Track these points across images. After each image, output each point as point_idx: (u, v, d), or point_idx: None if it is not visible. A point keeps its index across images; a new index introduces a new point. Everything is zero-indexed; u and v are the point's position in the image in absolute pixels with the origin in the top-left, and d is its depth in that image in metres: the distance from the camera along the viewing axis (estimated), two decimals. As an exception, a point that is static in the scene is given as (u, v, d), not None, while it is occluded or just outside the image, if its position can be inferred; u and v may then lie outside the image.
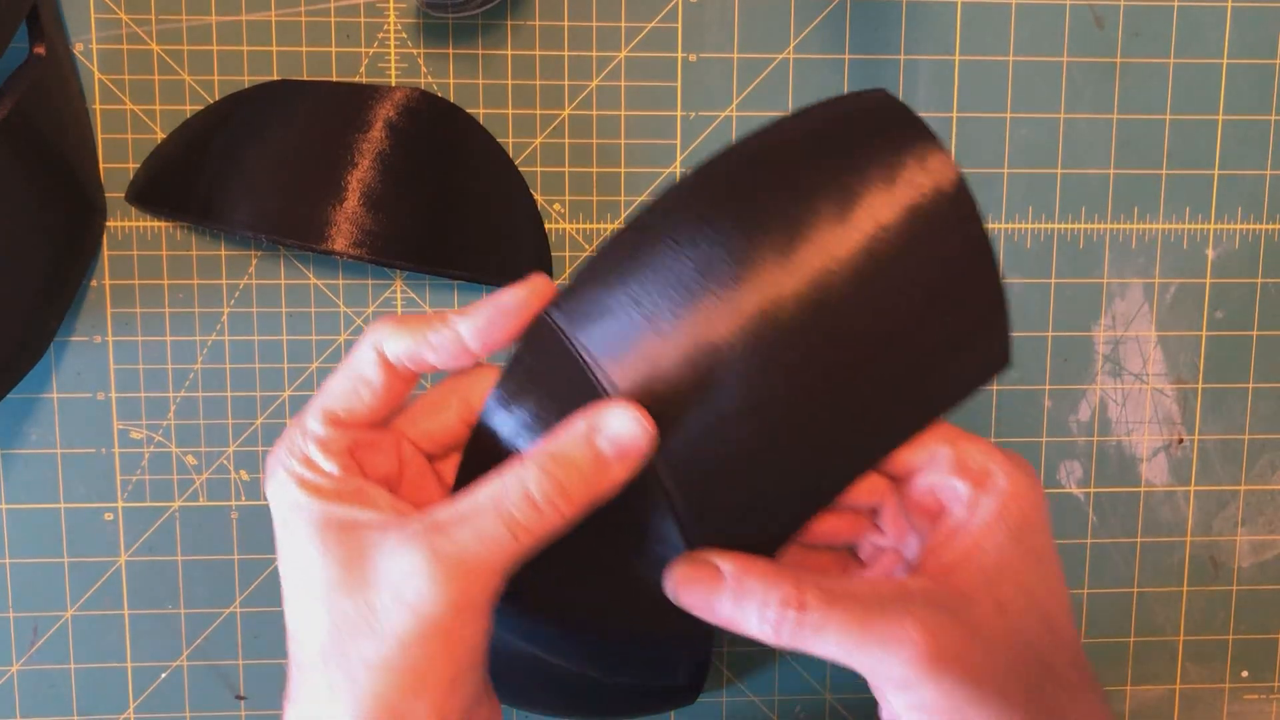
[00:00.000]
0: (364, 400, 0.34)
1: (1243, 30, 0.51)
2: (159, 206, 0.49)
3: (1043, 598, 0.34)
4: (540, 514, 0.32)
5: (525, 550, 0.32)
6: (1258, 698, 0.56)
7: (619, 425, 0.32)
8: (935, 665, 0.31)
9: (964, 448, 0.34)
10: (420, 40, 0.50)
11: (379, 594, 0.31)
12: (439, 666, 0.31)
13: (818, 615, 0.32)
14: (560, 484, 0.32)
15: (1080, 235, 0.52)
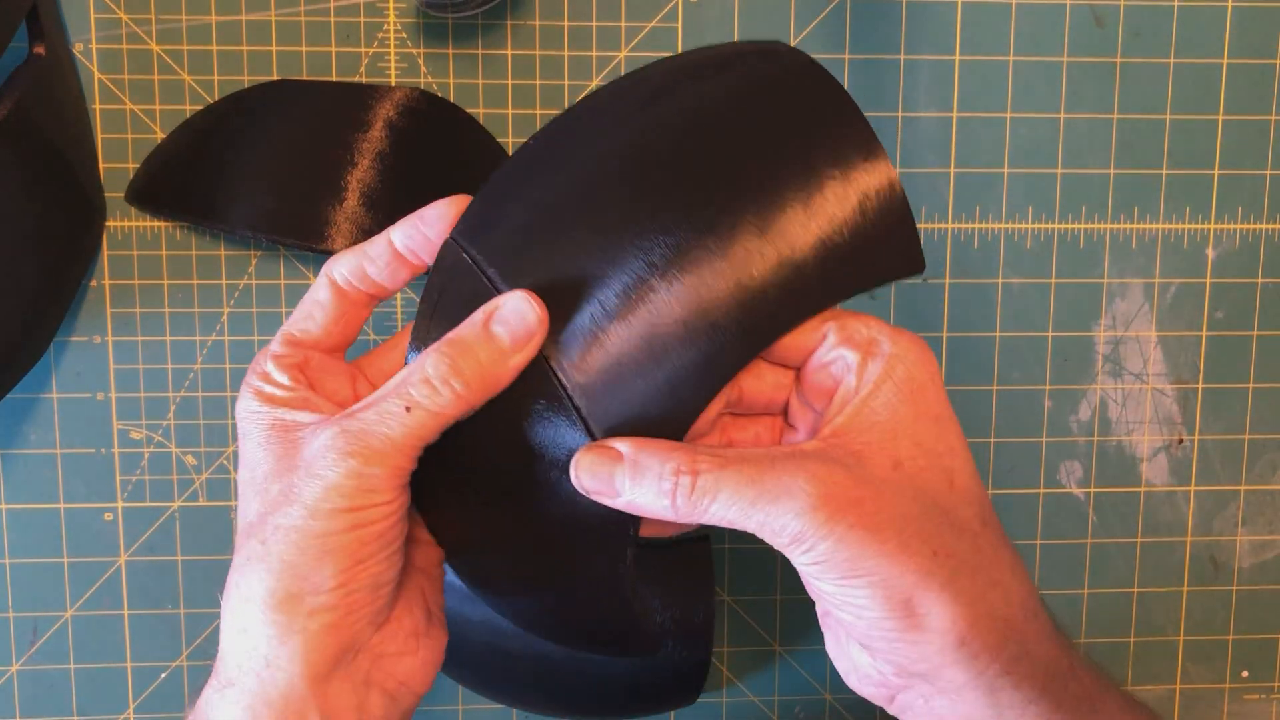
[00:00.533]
0: (316, 320, 0.38)
1: (1243, 30, 0.51)
2: (159, 206, 0.49)
3: (942, 454, 0.35)
4: (435, 391, 0.34)
5: (422, 428, 0.34)
6: (1258, 698, 0.56)
7: (510, 308, 0.34)
8: (827, 513, 0.32)
9: (849, 322, 0.35)
10: (420, 40, 0.50)
11: (298, 472, 0.34)
12: (344, 537, 0.33)
13: (710, 478, 0.33)
14: (453, 363, 0.34)
15: (1080, 235, 0.52)
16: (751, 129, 0.35)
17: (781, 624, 0.54)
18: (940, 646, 0.34)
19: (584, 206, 0.35)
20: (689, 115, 0.36)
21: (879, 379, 0.35)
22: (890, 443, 0.34)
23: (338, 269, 0.37)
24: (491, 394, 0.35)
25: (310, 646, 0.34)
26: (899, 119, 0.51)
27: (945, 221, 0.52)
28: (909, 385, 0.35)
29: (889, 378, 0.35)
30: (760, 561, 0.53)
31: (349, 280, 0.37)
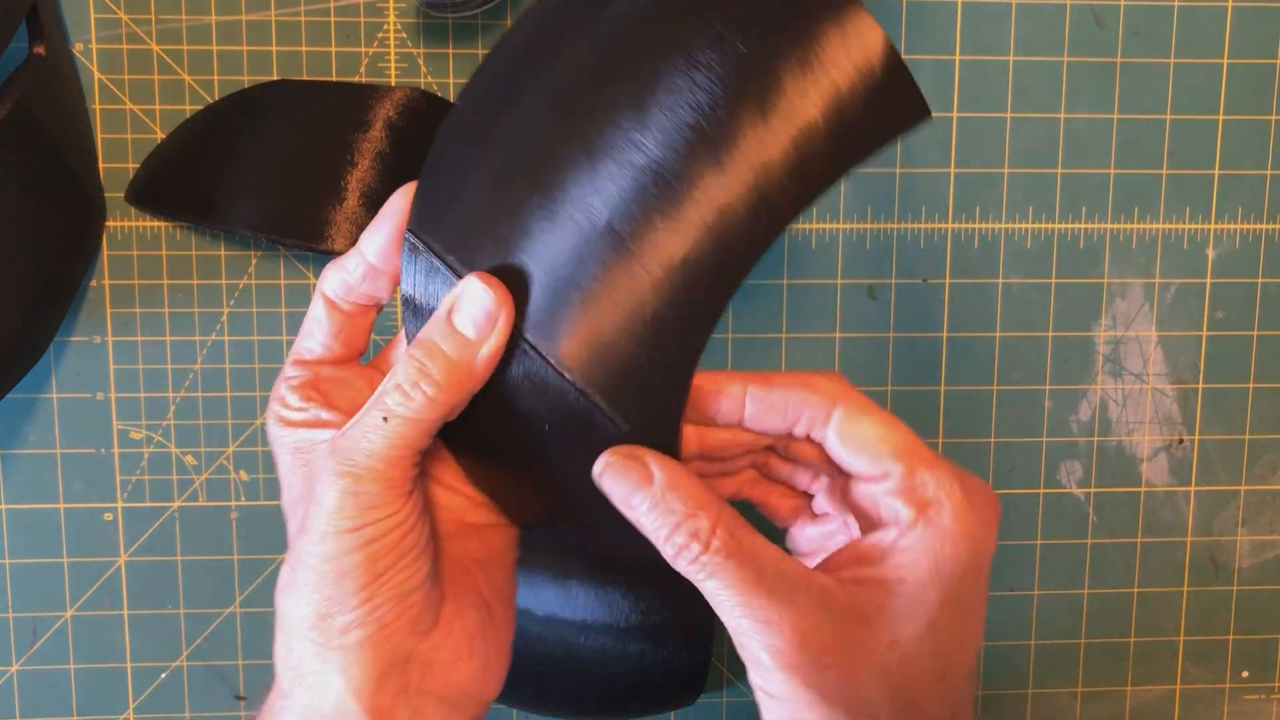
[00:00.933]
0: (316, 337, 0.37)
1: (1243, 30, 0.51)
2: (158, 206, 0.49)
3: (947, 648, 0.33)
4: (407, 397, 0.33)
5: (403, 437, 0.33)
6: (1258, 698, 0.56)
7: (469, 297, 0.33)
8: (792, 665, 0.31)
9: (919, 471, 0.32)
10: (420, 40, 0.50)
11: (311, 496, 0.34)
12: (354, 556, 0.33)
13: (715, 562, 0.32)
14: (421, 366, 0.33)
15: (1080, 235, 0.52)
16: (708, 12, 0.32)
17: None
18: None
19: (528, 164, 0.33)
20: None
21: (923, 559, 0.32)
22: (901, 619, 0.32)
23: (327, 284, 0.37)
24: (470, 388, 0.34)
25: (349, 662, 0.33)
26: (899, 119, 0.51)
27: (945, 221, 0.52)
28: (950, 568, 0.32)
29: (932, 555, 0.32)
30: (760, 561, 0.53)
31: (339, 295, 0.36)
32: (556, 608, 0.47)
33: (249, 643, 0.52)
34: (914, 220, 0.52)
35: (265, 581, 0.52)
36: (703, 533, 0.32)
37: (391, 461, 0.33)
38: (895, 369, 0.52)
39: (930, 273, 0.52)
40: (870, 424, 0.33)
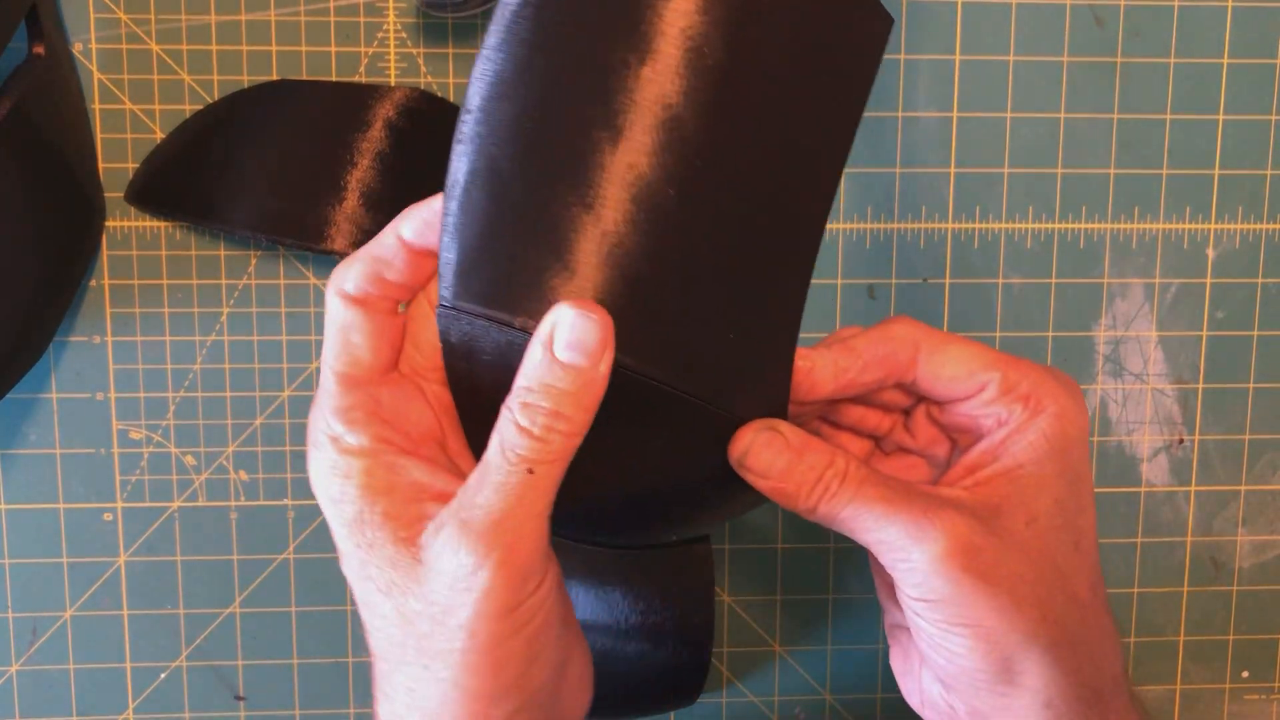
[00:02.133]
0: (359, 345, 0.33)
1: (1243, 30, 0.51)
2: (158, 206, 0.49)
3: (1074, 514, 0.35)
4: (546, 443, 0.31)
5: (549, 481, 0.31)
6: (1258, 698, 0.56)
7: (565, 326, 0.31)
8: (953, 563, 0.33)
9: (1010, 374, 0.35)
10: (420, 40, 0.50)
11: (435, 587, 0.31)
12: (510, 640, 0.31)
13: (853, 489, 0.34)
14: (548, 408, 0.31)
15: (1080, 235, 0.52)
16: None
17: (781, 624, 0.54)
18: (1028, 705, 0.34)
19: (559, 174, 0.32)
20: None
21: (1037, 440, 0.35)
22: (1030, 498, 0.35)
23: (350, 283, 0.33)
24: (593, 412, 0.32)
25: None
26: (899, 119, 0.51)
27: (945, 221, 0.52)
28: (1060, 443, 0.35)
29: (1044, 436, 0.35)
30: (760, 561, 0.53)
31: (366, 290, 0.33)
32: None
33: (249, 643, 0.52)
34: (914, 220, 0.52)
35: (265, 582, 0.52)
36: (839, 471, 0.34)
37: (539, 518, 0.31)
38: (895, 369, 0.52)
39: (930, 273, 0.52)
40: (954, 353, 0.36)
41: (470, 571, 0.30)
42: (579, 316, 0.31)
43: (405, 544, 0.32)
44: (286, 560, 0.52)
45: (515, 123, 0.32)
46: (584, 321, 0.31)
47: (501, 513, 0.30)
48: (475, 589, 0.30)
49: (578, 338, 0.31)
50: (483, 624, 0.30)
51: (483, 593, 0.30)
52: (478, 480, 0.31)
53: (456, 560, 0.30)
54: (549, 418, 0.31)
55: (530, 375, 0.31)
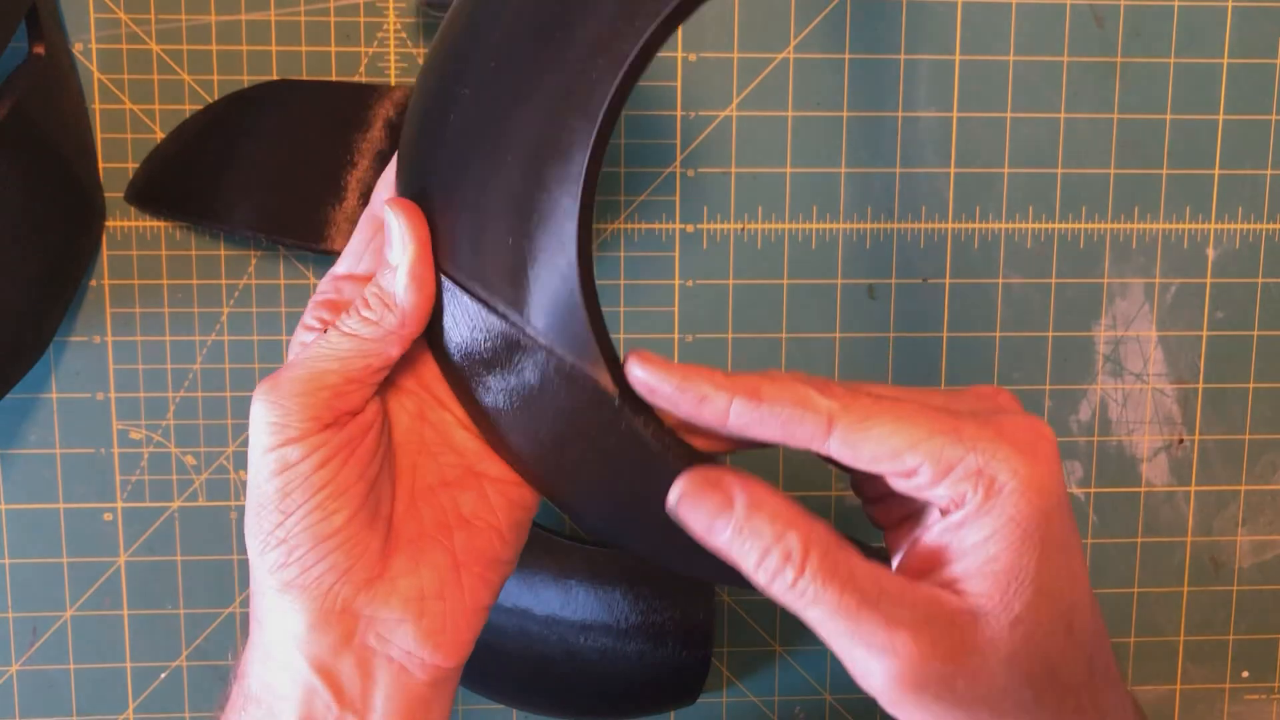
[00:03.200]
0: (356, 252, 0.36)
1: (1243, 30, 0.51)
2: (158, 206, 0.49)
3: (1064, 593, 0.31)
4: (352, 319, 0.33)
5: (342, 356, 0.33)
6: (1258, 698, 0.56)
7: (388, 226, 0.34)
8: (918, 685, 0.30)
9: (949, 451, 0.30)
10: (420, 40, 0.50)
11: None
12: (271, 485, 0.32)
13: (814, 588, 0.29)
14: (364, 299, 0.33)
15: (1081, 235, 0.52)
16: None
17: (781, 624, 0.54)
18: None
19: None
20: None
21: (1002, 524, 0.30)
22: (1011, 594, 0.30)
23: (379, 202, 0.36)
24: (409, 320, 0.33)
25: (287, 606, 0.32)
26: (899, 119, 0.51)
27: (945, 221, 0.52)
28: (1035, 521, 0.30)
29: (1011, 520, 0.30)
30: (760, 561, 0.53)
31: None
32: (556, 608, 0.47)
33: (249, 643, 0.52)
34: (914, 220, 0.52)
35: (265, 581, 0.52)
36: (795, 554, 0.30)
37: (313, 381, 0.32)
38: (895, 369, 0.52)
39: (930, 273, 0.52)
40: (876, 433, 0.30)
41: (254, 407, 0.32)
42: (389, 214, 0.33)
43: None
44: (286, 560, 0.52)
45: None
46: (401, 216, 0.33)
47: (291, 365, 0.33)
48: (255, 421, 0.32)
49: (391, 236, 0.33)
50: (253, 453, 0.32)
51: (253, 423, 0.32)
52: (297, 351, 0.34)
53: (256, 406, 0.33)
54: (360, 303, 0.33)
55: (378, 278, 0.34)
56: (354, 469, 0.33)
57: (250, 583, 0.34)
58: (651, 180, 0.51)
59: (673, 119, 0.50)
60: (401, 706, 0.33)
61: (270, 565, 0.32)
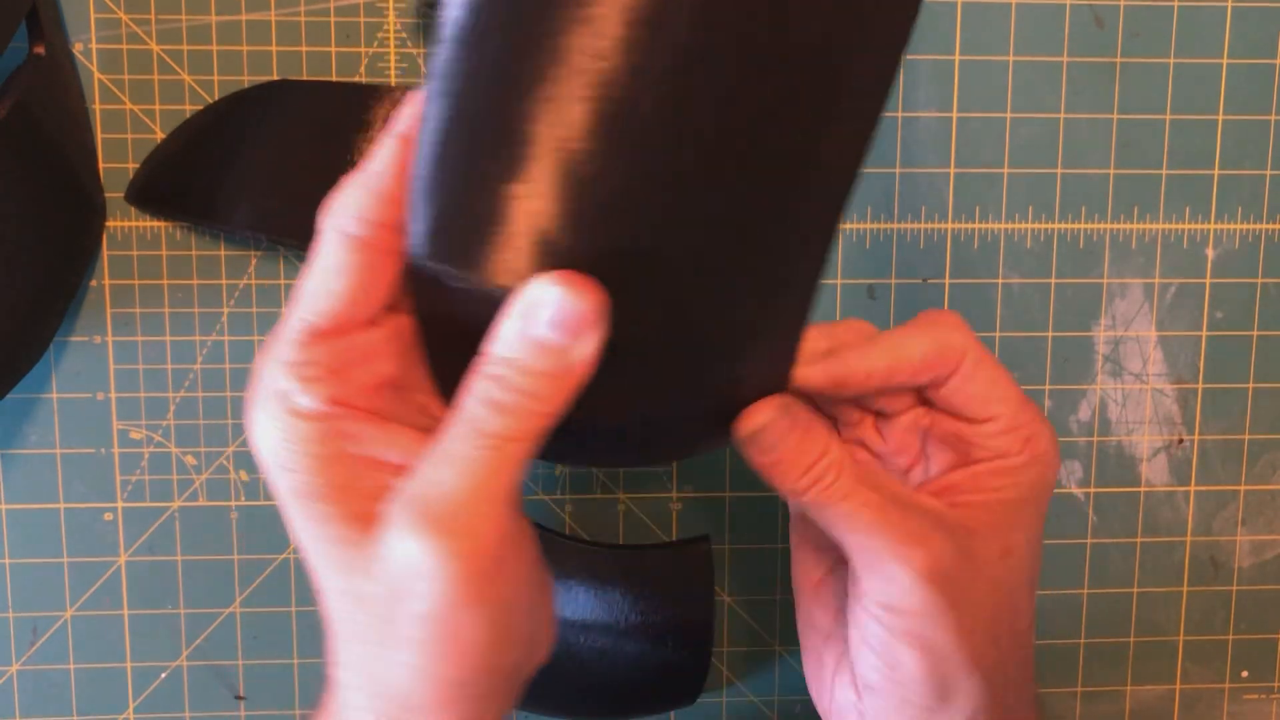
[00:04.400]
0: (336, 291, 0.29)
1: (1243, 30, 0.51)
2: (159, 206, 0.49)
3: (1037, 553, 0.36)
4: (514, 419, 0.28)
5: (512, 465, 0.28)
6: (1258, 698, 0.56)
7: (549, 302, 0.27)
8: (931, 580, 0.33)
9: (1019, 413, 0.35)
10: (420, 40, 0.50)
11: (390, 573, 0.28)
12: (474, 629, 0.28)
13: (847, 486, 0.33)
14: (519, 385, 0.28)
15: (1080, 235, 0.52)
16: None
17: (781, 624, 0.54)
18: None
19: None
20: None
21: (1023, 479, 0.35)
22: (1006, 532, 0.35)
23: (353, 219, 0.29)
24: (573, 394, 0.29)
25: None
26: (899, 119, 0.51)
27: (945, 221, 0.52)
28: (1041, 488, 0.36)
29: (1030, 479, 0.35)
30: (760, 561, 0.53)
31: (372, 226, 0.29)
32: (556, 608, 0.47)
33: (249, 643, 0.52)
34: (914, 220, 0.52)
35: (265, 581, 0.52)
36: (835, 463, 0.33)
37: (505, 500, 0.28)
38: (895, 369, 0.52)
39: (930, 273, 0.52)
40: (986, 375, 0.35)
41: (426, 562, 0.27)
42: (564, 293, 0.27)
43: (358, 522, 0.29)
44: (287, 560, 0.52)
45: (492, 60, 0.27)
46: (570, 299, 0.27)
47: (461, 494, 0.27)
48: (432, 580, 0.27)
49: (562, 316, 0.27)
50: (445, 613, 0.27)
51: (441, 585, 0.27)
52: (438, 455, 0.28)
53: (412, 548, 0.27)
54: (520, 396, 0.28)
55: (505, 346, 0.28)
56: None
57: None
58: (651, 180, 0.51)
59: (673, 119, 0.50)
60: None
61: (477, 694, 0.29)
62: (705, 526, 0.53)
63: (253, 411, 0.30)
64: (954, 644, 0.33)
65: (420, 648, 0.28)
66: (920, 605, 0.33)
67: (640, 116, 0.27)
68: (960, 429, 0.36)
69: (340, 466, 0.29)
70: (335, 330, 0.30)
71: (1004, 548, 0.35)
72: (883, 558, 0.33)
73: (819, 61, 0.28)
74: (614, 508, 0.53)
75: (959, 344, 0.35)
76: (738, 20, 0.27)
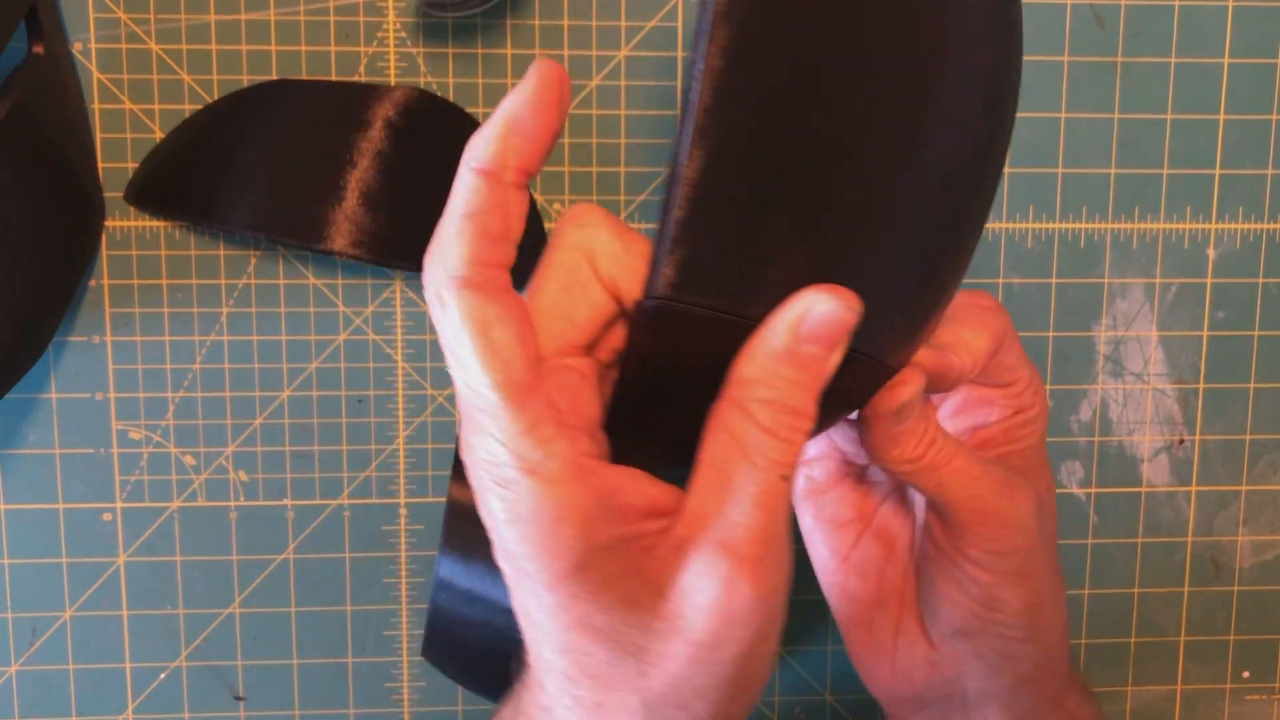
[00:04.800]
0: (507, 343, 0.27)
1: (1244, 30, 0.51)
2: (158, 206, 0.49)
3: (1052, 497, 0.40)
4: (791, 444, 0.28)
5: (791, 490, 0.30)
6: (1259, 698, 0.56)
7: (817, 314, 0.27)
8: (1036, 517, 0.36)
9: (1027, 371, 0.38)
10: (420, 39, 0.50)
11: (692, 620, 0.27)
12: (766, 661, 0.30)
13: (948, 450, 0.35)
14: (790, 405, 0.28)
15: (1081, 235, 0.52)
16: None
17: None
18: (1032, 654, 0.37)
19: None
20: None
21: (1032, 430, 0.39)
22: (1039, 475, 0.39)
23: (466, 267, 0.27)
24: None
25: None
26: (899, 119, 0.51)
27: (946, 221, 0.52)
28: (1044, 434, 0.39)
29: (1038, 430, 0.39)
30: (760, 562, 0.53)
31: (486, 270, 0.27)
32: None
33: (248, 643, 0.52)
34: None
35: (264, 582, 0.52)
36: (938, 429, 0.35)
37: (788, 527, 0.28)
38: (895, 369, 0.52)
39: (930, 273, 0.52)
40: (1014, 347, 0.38)
41: (747, 602, 0.27)
42: (834, 302, 0.27)
43: (642, 578, 0.27)
44: (286, 560, 0.52)
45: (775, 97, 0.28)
46: (837, 308, 0.27)
47: (766, 528, 0.27)
48: (754, 620, 0.27)
49: (824, 328, 0.27)
50: (752, 650, 0.28)
51: (762, 622, 0.28)
52: (721, 493, 0.27)
53: (726, 590, 0.27)
54: (792, 416, 0.28)
55: (767, 368, 0.27)
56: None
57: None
58: (652, 180, 0.51)
59: (673, 119, 0.50)
60: None
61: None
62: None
63: (492, 511, 0.27)
64: (1048, 575, 0.37)
65: (725, 691, 0.28)
66: (1030, 542, 0.36)
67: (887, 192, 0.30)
68: (986, 393, 0.39)
69: (610, 524, 0.27)
70: (529, 381, 0.27)
71: (1047, 485, 0.39)
72: (995, 505, 0.35)
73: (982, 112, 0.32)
74: (614, 508, 0.52)
75: (1003, 325, 0.37)
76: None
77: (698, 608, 0.27)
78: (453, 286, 0.27)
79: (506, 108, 0.28)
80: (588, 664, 0.28)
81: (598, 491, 0.27)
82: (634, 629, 0.27)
